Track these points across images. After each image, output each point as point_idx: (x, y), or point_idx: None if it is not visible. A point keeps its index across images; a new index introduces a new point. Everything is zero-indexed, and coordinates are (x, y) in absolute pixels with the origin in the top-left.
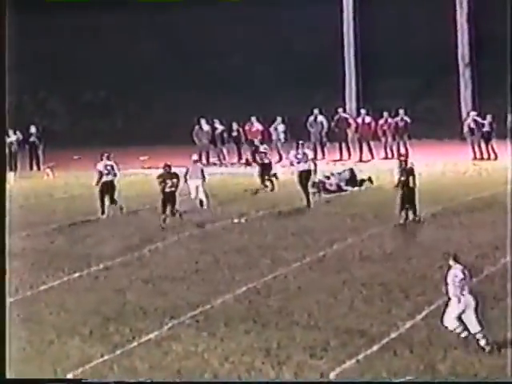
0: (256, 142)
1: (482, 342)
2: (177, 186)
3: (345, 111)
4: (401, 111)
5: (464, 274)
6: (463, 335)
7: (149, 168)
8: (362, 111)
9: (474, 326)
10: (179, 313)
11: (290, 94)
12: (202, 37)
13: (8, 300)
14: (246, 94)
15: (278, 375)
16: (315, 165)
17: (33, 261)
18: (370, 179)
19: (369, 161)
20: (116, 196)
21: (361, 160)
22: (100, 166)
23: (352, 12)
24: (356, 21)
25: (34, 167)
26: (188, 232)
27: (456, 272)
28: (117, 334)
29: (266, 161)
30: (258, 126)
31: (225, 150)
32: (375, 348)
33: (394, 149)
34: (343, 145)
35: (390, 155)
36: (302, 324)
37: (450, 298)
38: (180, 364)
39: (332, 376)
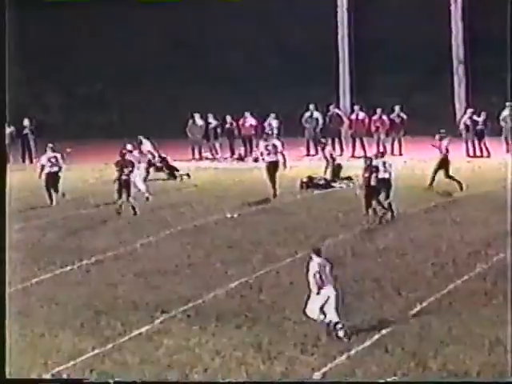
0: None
1: (341, 333)
2: (131, 174)
3: (338, 107)
4: (397, 108)
5: (322, 267)
6: (339, 332)
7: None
8: (356, 107)
9: (333, 317)
10: (171, 307)
11: (284, 90)
12: (198, 33)
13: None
14: (239, 89)
15: (269, 370)
16: (284, 157)
17: (25, 254)
18: (349, 178)
19: (361, 157)
20: (60, 186)
21: (353, 156)
22: (43, 159)
23: (346, 8)
24: (350, 17)
25: (27, 160)
26: (180, 226)
27: (314, 265)
28: (108, 327)
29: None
30: (251, 121)
31: (217, 145)
32: (366, 344)
33: (387, 145)
34: (336, 140)
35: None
36: (294, 319)
37: (311, 290)
38: (171, 358)
39: (323, 372)
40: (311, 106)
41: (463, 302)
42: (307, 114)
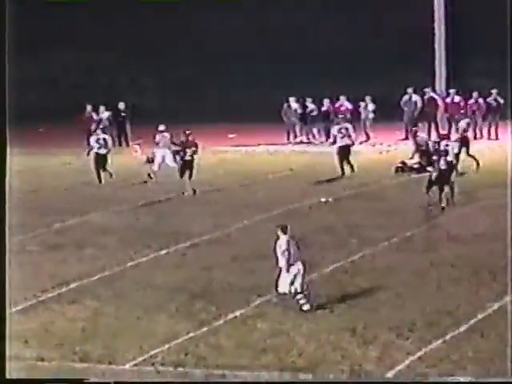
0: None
1: (302, 301)
2: (194, 154)
3: (434, 91)
4: (494, 91)
5: (289, 244)
6: (301, 301)
7: (237, 146)
8: (451, 91)
9: (298, 287)
10: (266, 291)
11: (380, 74)
12: (290, 13)
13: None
14: (335, 73)
15: (364, 355)
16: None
17: (121, 237)
18: None
19: (456, 140)
20: (108, 166)
21: (449, 139)
22: (92, 140)
23: None
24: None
25: (123, 143)
26: (275, 210)
27: (282, 243)
28: (203, 311)
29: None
30: (347, 105)
31: (315, 130)
32: (462, 329)
33: (484, 129)
34: (432, 124)
35: (479, 136)
36: (389, 304)
37: (281, 268)
38: (266, 342)
39: (418, 356)
40: (409, 90)
41: None
42: (406, 97)
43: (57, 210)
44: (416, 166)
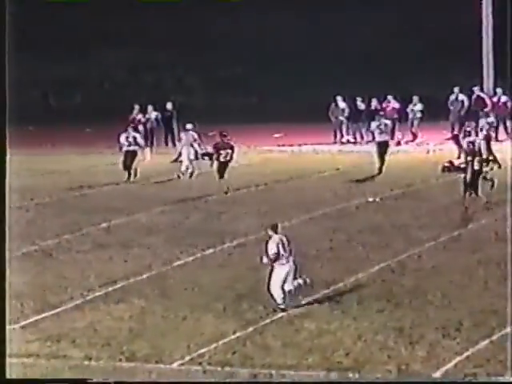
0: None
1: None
2: (231, 157)
3: (482, 90)
4: None
5: (282, 242)
6: (281, 306)
7: (283, 145)
8: (498, 90)
9: (291, 287)
10: (312, 290)
11: (426, 73)
12: (338, 13)
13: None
14: (382, 73)
15: (411, 355)
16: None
17: (167, 236)
18: (488, 160)
19: (503, 140)
20: (134, 165)
21: (496, 139)
22: (122, 138)
23: None
24: None
25: (170, 143)
26: (322, 210)
27: (273, 242)
28: (250, 310)
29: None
30: (394, 105)
31: (363, 130)
32: (509, 329)
33: None
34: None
35: None
36: (436, 303)
37: (272, 267)
38: (312, 342)
39: (465, 356)
40: (456, 89)
41: None
42: (453, 97)
43: (103, 209)
44: (463, 165)
